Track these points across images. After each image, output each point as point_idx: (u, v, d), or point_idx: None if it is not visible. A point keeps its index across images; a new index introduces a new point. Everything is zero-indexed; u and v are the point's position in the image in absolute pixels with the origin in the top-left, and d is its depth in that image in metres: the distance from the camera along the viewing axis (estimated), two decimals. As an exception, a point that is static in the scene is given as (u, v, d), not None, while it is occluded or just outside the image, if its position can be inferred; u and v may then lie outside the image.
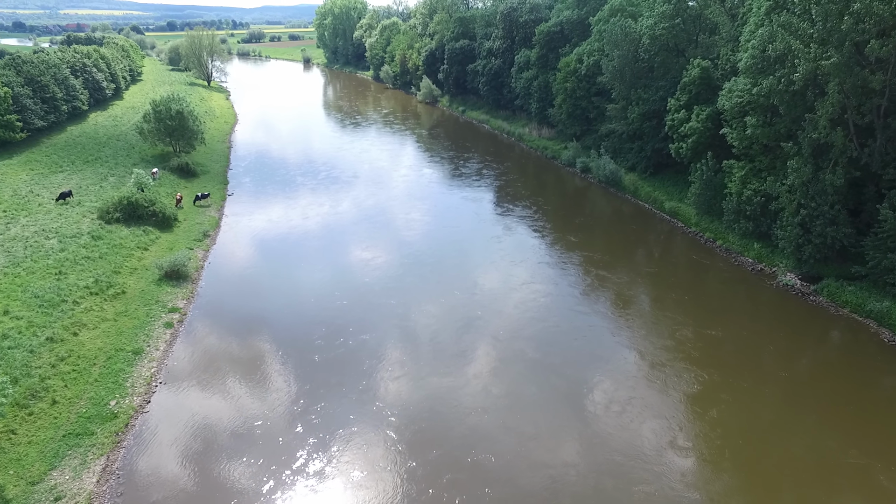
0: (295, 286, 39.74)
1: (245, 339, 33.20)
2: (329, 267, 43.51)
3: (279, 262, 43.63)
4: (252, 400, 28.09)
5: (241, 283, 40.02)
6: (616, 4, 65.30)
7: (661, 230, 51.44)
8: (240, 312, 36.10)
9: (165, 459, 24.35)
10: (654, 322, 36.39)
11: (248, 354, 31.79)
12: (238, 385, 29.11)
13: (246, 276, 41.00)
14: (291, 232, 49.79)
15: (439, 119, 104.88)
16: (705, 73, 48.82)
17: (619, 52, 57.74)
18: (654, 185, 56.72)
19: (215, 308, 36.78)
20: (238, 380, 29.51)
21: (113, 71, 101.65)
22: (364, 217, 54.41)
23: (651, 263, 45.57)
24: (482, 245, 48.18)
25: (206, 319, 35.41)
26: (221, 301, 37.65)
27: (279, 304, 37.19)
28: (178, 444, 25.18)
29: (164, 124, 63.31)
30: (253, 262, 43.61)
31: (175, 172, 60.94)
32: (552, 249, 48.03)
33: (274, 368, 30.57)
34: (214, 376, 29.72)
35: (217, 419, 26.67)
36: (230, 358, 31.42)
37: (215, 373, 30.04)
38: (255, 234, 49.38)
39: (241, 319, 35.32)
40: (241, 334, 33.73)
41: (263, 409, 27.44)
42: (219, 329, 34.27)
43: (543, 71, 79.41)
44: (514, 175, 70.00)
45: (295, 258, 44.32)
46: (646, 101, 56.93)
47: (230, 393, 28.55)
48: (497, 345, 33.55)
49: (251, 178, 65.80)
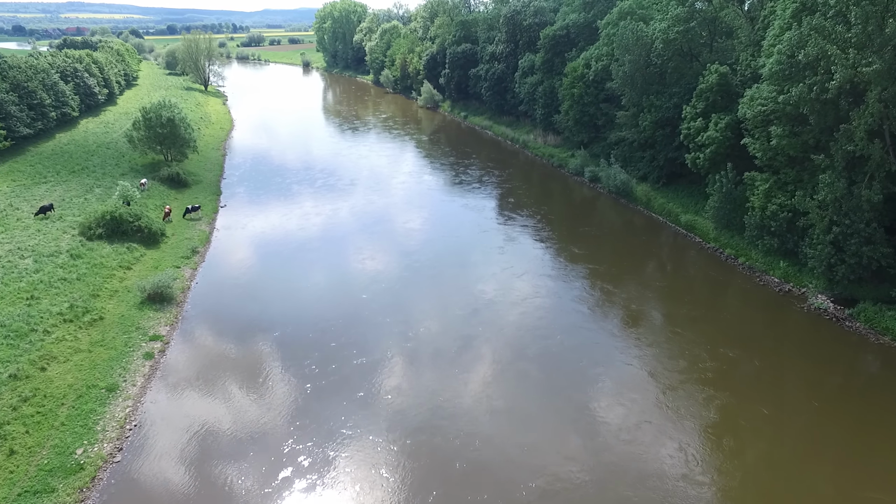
0: (287, 307, 36.94)
1: (231, 371, 30.38)
2: (323, 282, 40.82)
3: (271, 280, 40.85)
4: (236, 445, 25.28)
5: (228, 306, 37.21)
6: (625, 7, 62.72)
7: (675, 244, 48.68)
8: (226, 339, 33.27)
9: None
10: (666, 341, 34.03)
11: (234, 388, 28.96)
12: (221, 425, 26.29)
13: (234, 298, 38.19)
14: (285, 246, 47.02)
15: (440, 124, 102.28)
16: (723, 80, 46.11)
17: (630, 57, 55.05)
18: (668, 196, 53.95)
19: (200, 335, 33.93)
20: (221, 419, 26.69)
21: (106, 76, 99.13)
22: (362, 227, 51.97)
23: (664, 279, 42.82)
24: (483, 256, 45.88)
25: (189, 348, 32.55)
26: (207, 326, 34.81)
27: (269, 328, 34.39)
28: (151, 502, 22.36)
29: (155, 132, 60.68)
30: (243, 281, 40.81)
31: (165, 183, 58.18)
32: (557, 261, 45.67)
33: (261, 404, 27.75)
34: (195, 416, 26.90)
35: (196, 469, 23.85)
36: (213, 393, 28.59)
37: (196, 412, 27.21)
38: (246, 249, 46.61)
39: (228, 347, 32.49)
40: (226, 365, 30.91)
41: (249, 454, 24.63)
42: (203, 359, 31.41)
43: (549, 76, 76.79)
44: (518, 183, 67.37)
45: (288, 276, 41.54)
46: (658, 109, 54.21)
47: (212, 436, 25.73)
48: (499, 366, 31.42)
49: (245, 188, 63.09)
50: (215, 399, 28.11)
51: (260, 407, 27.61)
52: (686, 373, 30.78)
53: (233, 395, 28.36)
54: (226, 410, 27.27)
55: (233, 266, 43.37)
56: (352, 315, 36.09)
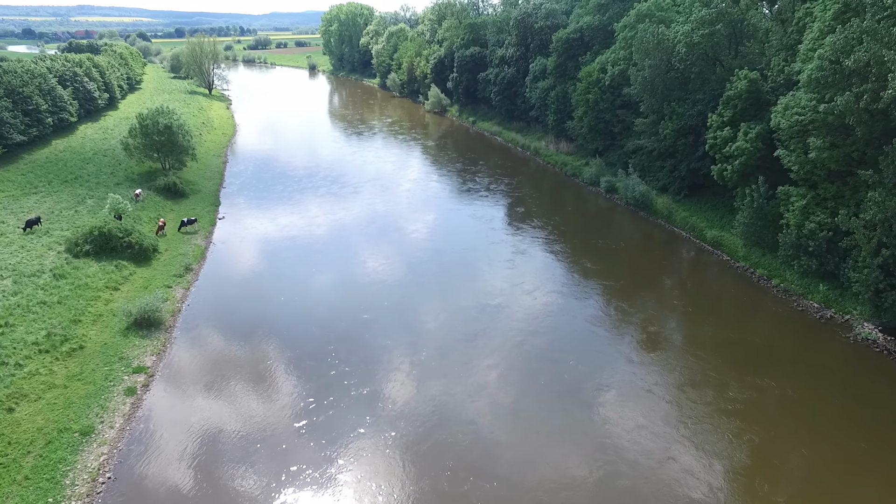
0: (283, 332, 34.16)
1: (218, 411, 27.60)
2: (324, 301, 38.10)
3: (267, 301, 38.08)
4: (227, 496, 22.49)
5: (220, 331, 34.40)
6: (644, 10, 59.70)
7: (700, 261, 45.57)
8: (215, 371, 30.46)
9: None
10: (689, 367, 31.26)
11: (222, 434, 26.17)
12: (210, 473, 23.51)
13: (227, 322, 35.37)
14: (284, 262, 44.27)
15: (448, 130, 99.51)
16: (753, 86, 43.00)
17: (650, 62, 52.01)
18: (691, 209, 50.81)
19: (187, 366, 31.07)
20: (211, 466, 23.91)
21: (107, 80, 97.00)
22: (365, 238, 49.67)
23: (687, 298, 39.73)
24: (492, 270, 43.50)
25: (176, 382, 29.70)
26: (196, 356, 31.97)
27: (263, 358, 31.62)
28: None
29: (151, 140, 58.19)
30: (237, 303, 38.01)
31: (161, 193, 55.63)
32: (570, 276, 43.12)
33: (251, 452, 24.95)
34: (179, 463, 24.13)
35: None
36: (200, 435, 25.80)
37: (181, 457, 24.44)
38: (243, 266, 43.87)
39: (216, 381, 29.69)
40: (213, 403, 28.12)
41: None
42: (188, 397, 28.58)
43: (561, 80, 73.89)
44: (529, 191, 64.57)
45: (286, 296, 38.75)
46: (681, 116, 51.14)
47: (199, 487, 22.95)
48: (509, 395, 28.97)
49: (245, 198, 60.45)
50: (200, 445, 25.31)
51: (250, 455, 24.80)
52: (712, 403, 28.19)
53: (220, 442, 25.55)
54: (212, 460, 24.47)
55: (227, 285, 40.64)
56: (353, 339, 33.32)
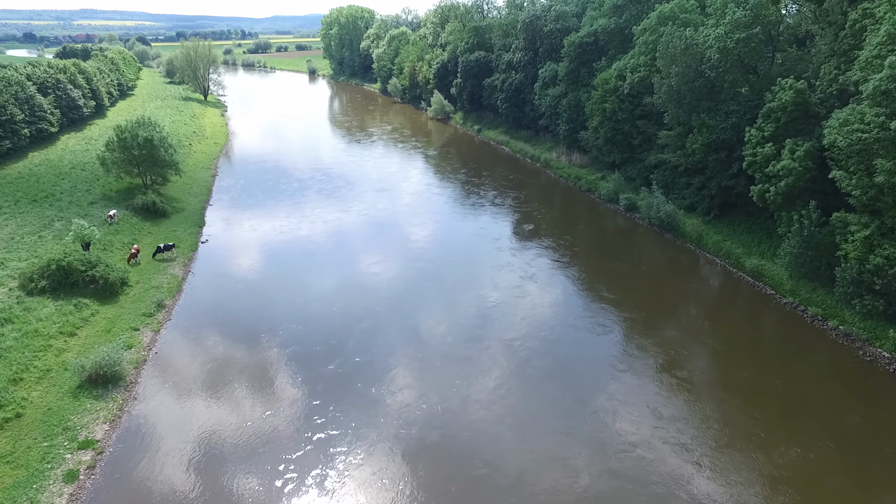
0: (264, 389, 29.25)
1: (190, 493, 22.68)
2: (309, 341, 33.30)
3: (250, 346, 33.16)
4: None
5: (193, 389, 29.41)
6: (666, 11, 54.74)
7: (737, 293, 40.48)
8: (183, 446, 25.44)
9: None
10: (729, 423, 26.84)
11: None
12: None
13: (200, 376, 30.37)
14: (269, 298, 39.19)
15: (451, 138, 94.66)
16: (801, 98, 38.03)
17: (677, 69, 47.05)
18: (724, 232, 45.76)
19: (148, 438, 25.93)
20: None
21: (95, 86, 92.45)
22: (359, 260, 44.98)
23: (722, 337, 34.67)
24: (496, 298, 39.19)
25: (129, 463, 24.51)
26: (159, 424, 26.83)
27: (239, 427, 26.70)
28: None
29: (130, 154, 53.43)
30: (215, 349, 33.07)
31: (139, 214, 50.78)
32: (585, 307, 38.61)
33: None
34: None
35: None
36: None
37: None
38: (223, 302, 38.75)
39: (182, 462, 24.67)
40: (178, 494, 23.14)
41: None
42: (145, 480, 23.59)
43: (573, 87, 69.03)
44: (539, 206, 59.81)
45: (270, 340, 33.83)
46: (712, 129, 46.15)
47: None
48: (521, 461, 24.38)
49: (232, 216, 55.55)
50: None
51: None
52: (761, 471, 23.76)
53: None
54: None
55: (204, 325, 35.62)
56: (341, 390, 28.41)
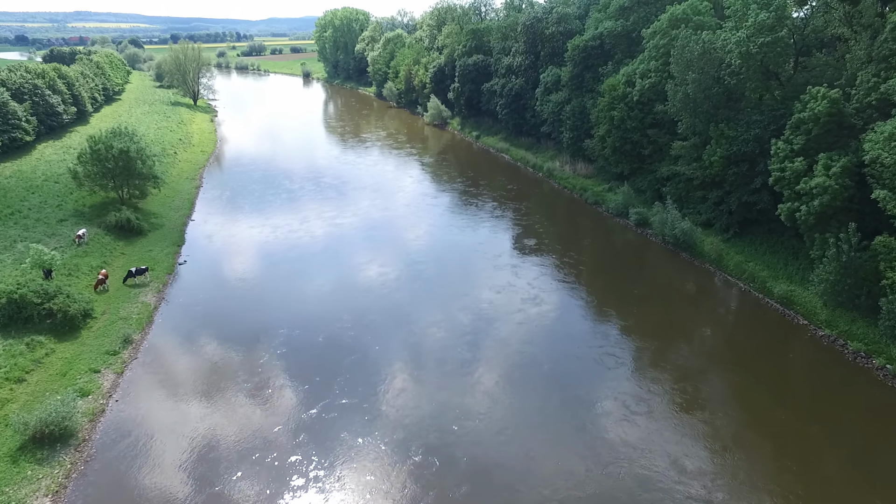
0: (248, 455, 25.50)
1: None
2: (296, 373, 29.57)
3: (226, 390, 29.44)
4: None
5: (159, 447, 25.65)
6: (678, 13, 51.35)
7: (764, 322, 36.78)
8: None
9: None
10: (759, 477, 23.71)
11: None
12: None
13: (170, 430, 26.64)
14: (250, 328, 35.47)
15: (449, 145, 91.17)
16: (835, 108, 34.58)
17: (694, 75, 43.56)
18: (746, 252, 42.23)
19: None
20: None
21: (76, 91, 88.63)
22: (348, 286, 41.24)
23: (750, 372, 31.05)
24: (496, 326, 35.80)
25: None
26: (118, 492, 22.99)
27: (214, 486, 22.99)
28: None
29: (104, 167, 49.63)
30: (187, 396, 29.28)
31: (112, 232, 46.93)
32: (593, 335, 35.37)
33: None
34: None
35: None
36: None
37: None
38: (199, 335, 34.92)
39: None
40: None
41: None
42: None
43: (578, 93, 65.64)
44: (541, 219, 56.60)
45: (249, 381, 30.12)
46: (732, 140, 42.67)
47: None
48: None
49: (215, 234, 51.73)
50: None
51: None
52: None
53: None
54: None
55: (175, 366, 31.79)
56: (321, 430, 24.74)
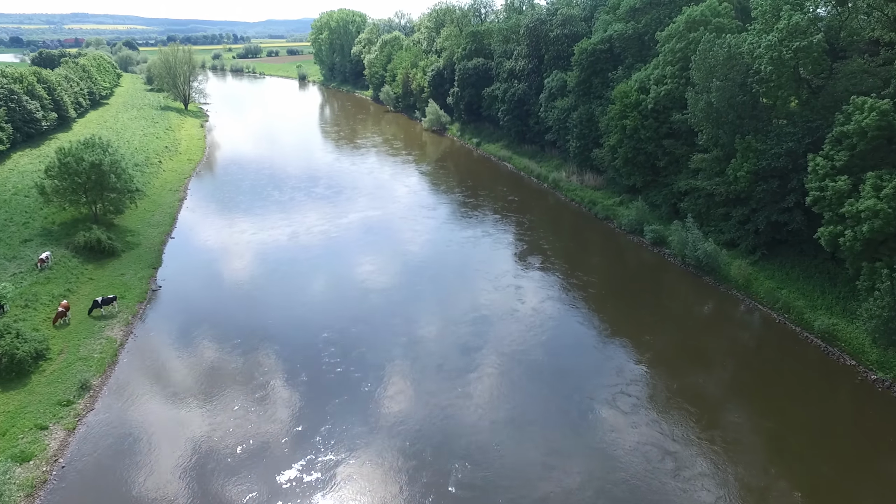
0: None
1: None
2: (279, 419, 25.51)
3: (199, 447, 25.44)
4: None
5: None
6: (696, 15, 47.53)
7: (804, 361, 32.66)
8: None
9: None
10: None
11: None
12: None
13: (132, 499, 22.65)
14: (229, 366, 31.58)
15: (448, 152, 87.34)
16: (885, 121, 30.75)
17: (718, 83, 39.68)
18: (777, 277, 38.30)
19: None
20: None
21: (58, 96, 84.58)
22: (335, 318, 36.83)
23: (794, 422, 27.16)
24: (497, 364, 32.00)
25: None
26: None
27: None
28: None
29: (73, 182, 45.61)
30: (149, 455, 25.26)
31: (80, 254, 42.85)
32: (607, 373, 31.49)
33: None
34: None
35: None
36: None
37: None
38: (169, 377, 30.86)
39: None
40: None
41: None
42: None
43: (585, 99, 61.85)
44: (546, 234, 53.21)
45: (224, 440, 26.14)
46: (761, 154, 38.83)
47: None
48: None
49: (195, 254, 47.63)
50: None
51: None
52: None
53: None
54: None
55: (137, 419, 27.61)
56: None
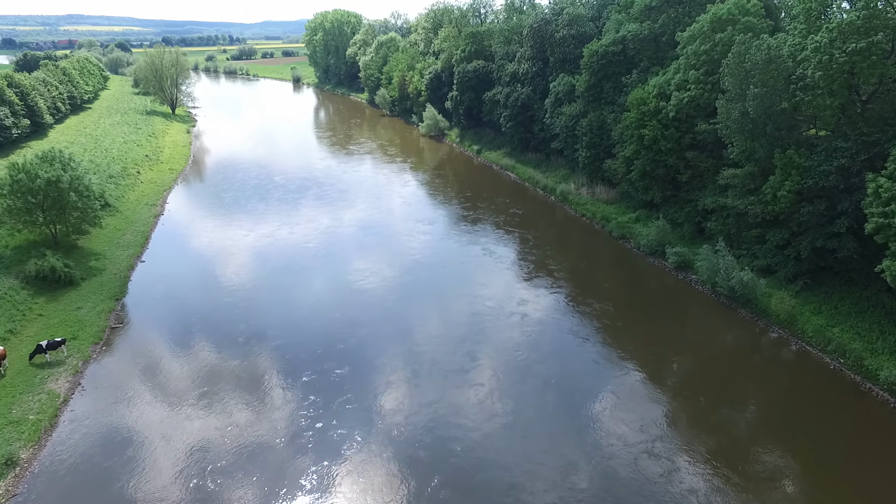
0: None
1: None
2: None
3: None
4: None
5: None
6: (722, 13, 42.73)
7: (867, 419, 27.77)
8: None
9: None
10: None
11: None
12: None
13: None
14: (192, 425, 26.56)
15: (446, 159, 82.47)
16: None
17: (757, 89, 34.76)
18: (825, 312, 33.37)
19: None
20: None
21: (32, 102, 79.50)
22: (325, 347, 31.74)
23: (858, 495, 22.46)
24: (502, 415, 26.79)
25: None
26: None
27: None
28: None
29: (26, 202, 40.58)
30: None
31: (31, 285, 37.74)
32: (631, 427, 26.60)
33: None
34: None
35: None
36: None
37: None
38: (119, 443, 25.87)
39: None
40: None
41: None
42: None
43: (595, 106, 57.09)
44: (552, 253, 48.38)
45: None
46: (807, 172, 33.98)
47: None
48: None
49: (169, 279, 42.59)
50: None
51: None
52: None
53: None
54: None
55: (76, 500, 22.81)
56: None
